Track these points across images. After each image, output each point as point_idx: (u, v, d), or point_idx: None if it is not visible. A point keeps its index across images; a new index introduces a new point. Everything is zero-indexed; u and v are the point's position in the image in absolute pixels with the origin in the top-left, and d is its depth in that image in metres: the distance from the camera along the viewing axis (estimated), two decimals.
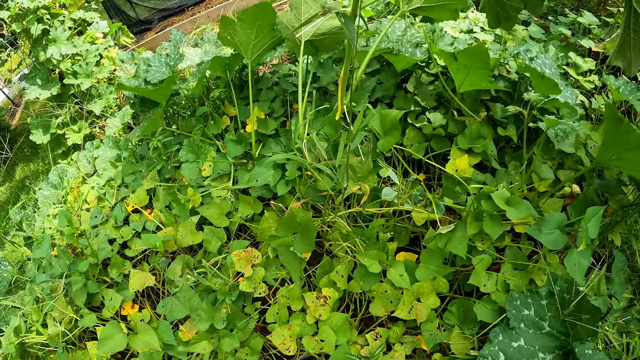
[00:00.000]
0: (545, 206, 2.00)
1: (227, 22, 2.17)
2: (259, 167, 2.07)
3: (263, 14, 2.13)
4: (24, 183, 4.65)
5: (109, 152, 2.88)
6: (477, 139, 2.15)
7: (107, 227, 2.47)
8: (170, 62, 2.54)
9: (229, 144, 2.26)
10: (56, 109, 3.18)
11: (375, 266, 1.74)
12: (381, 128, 1.87)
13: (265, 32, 2.23)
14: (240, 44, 2.26)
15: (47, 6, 3.20)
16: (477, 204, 1.71)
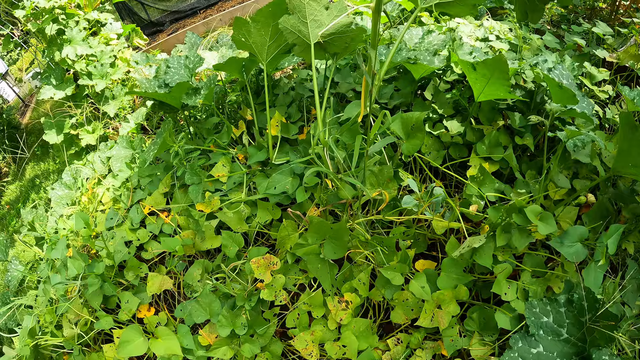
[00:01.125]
0: (561, 215, 2.02)
1: (241, 22, 2.13)
2: (277, 174, 2.08)
3: (278, 13, 2.09)
4: (34, 182, 4.67)
5: (122, 152, 2.88)
6: (496, 147, 2.17)
7: (123, 229, 2.48)
8: (190, 64, 2.54)
9: (251, 149, 2.27)
10: (71, 108, 3.19)
11: (398, 279, 1.76)
12: (403, 132, 1.86)
13: (280, 33, 2.17)
14: (255, 45, 2.22)
15: (63, 6, 3.21)
16: (507, 216, 1.72)
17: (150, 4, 7.36)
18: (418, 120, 1.83)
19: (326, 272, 1.86)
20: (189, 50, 3.10)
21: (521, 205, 1.68)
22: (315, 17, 2.01)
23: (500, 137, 2.20)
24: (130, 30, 3.83)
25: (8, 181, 5.24)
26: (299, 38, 2.08)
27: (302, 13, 2.00)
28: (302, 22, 2.03)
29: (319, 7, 2.00)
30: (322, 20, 2.01)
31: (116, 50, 3.34)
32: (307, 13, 2.00)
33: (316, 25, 2.02)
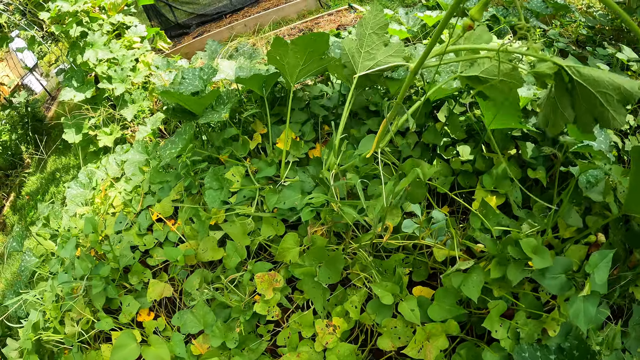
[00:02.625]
0: (569, 253, 1.97)
1: (280, 43, 2.19)
2: (287, 189, 2.08)
3: (318, 43, 2.16)
4: (54, 175, 4.77)
5: (137, 156, 2.93)
6: (504, 180, 2.13)
7: (130, 234, 2.52)
8: (204, 75, 2.57)
9: (260, 164, 2.28)
10: (89, 111, 3.25)
11: (387, 298, 1.74)
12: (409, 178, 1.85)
13: (314, 59, 2.25)
14: (287, 66, 2.27)
15: (87, 10, 3.28)
16: (503, 249, 1.69)
17: (178, 6, 7.45)
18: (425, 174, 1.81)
19: (319, 294, 1.87)
20: (208, 57, 3.14)
21: (517, 237, 1.65)
22: (371, 50, 2.07)
23: (510, 168, 2.16)
24: (155, 33, 3.89)
25: (30, 172, 5.37)
26: (349, 63, 2.14)
27: (362, 42, 2.07)
28: (357, 51, 2.09)
29: (378, 42, 2.05)
30: (375, 55, 2.07)
31: (138, 53, 3.39)
32: (365, 43, 2.06)
33: (368, 58, 2.08)
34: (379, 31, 2.04)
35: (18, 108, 5.70)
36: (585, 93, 1.50)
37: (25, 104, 5.72)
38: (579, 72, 1.48)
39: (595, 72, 1.46)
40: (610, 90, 1.46)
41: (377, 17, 2.03)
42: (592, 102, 1.50)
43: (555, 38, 3.74)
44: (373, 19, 2.03)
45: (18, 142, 5.69)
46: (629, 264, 2.05)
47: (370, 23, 2.04)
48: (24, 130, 5.65)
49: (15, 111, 5.69)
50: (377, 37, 2.04)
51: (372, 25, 2.04)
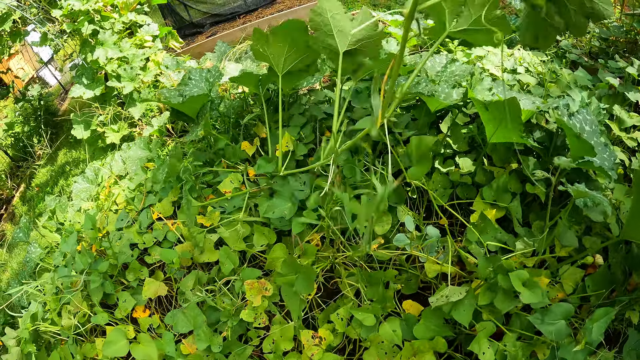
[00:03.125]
0: (565, 276, 1.95)
1: (259, 34, 2.21)
2: (277, 198, 2.09)
3: (294, 30, 2.17)
4: (64, 169, 4.84)
5: (139, 152, 2.96)
6: (504, 193, 2.11)
7: (131, 232, 2.54)
8: (210, 78, 2.59)
9: (260, 160, 2.29)
10: (99, 109, 3.29)
11: (369, 319, 1.73)
12: (415, 155, 1.83)
13: (296, 47, 2.25)
14: (272, 57, 2.28)
15: (98, 10, 3.32)
16: (493, 276, 1.68)
17: (193, 5, 7.52)
18: (427, 144, 1.80)
19: (296, 304, 1.86)
20: (217, 59, 3.16)
21: (509, 267, 1.63)
22: (341, 29, 2.08)
23: (511, 182, 2.14)
24: (167, 32, 3.93)
25: (41, 165, 5.45)
26: (330, 51, 2.16)
27: (328, 27, 2.08)
28: (329, 36, 2.10)
29: (343, 19, 2.07)
30: (348, 30, 2.08)
31: (148, 53, 3.43)
32: (333, 26, 2.08)
33: (343, 35, 2.09)
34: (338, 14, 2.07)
35: (31, 101, 5.78)
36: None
37: (38, 97, 5.81)
38: None
39: None
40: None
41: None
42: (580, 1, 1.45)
43: (567, 49, 3.69)
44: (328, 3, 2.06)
45: (30, 134, 5.78)
46: (628, 287, 2.01)
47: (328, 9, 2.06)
48: (37, 123, 5.73)
49: (28, 104, 5.77)
50: (340, 16, 2.07)
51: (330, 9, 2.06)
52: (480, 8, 1.78)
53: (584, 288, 1.94)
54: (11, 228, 4.96)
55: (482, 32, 1.86)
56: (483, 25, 1.75)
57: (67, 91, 6.33)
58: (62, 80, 6.64)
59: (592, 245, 2.03)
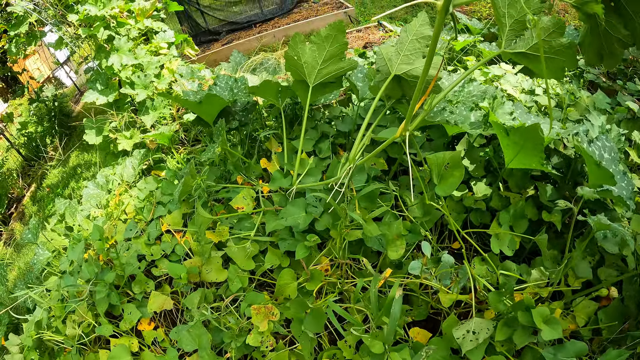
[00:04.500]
0: (578, 309, 1.90)
1: (298, 40, 2.16)
2: (291, 205, 2.03)
3: (336, 38, 2.13)
4: (75, 171, 4.84)
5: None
6: (521, 219, 2.07)
7: (139, 242, 2.52)
8: (235, 88, 2.56)
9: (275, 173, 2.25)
10: (113, 116, 3.28)
11: (378, 347, 1.68)
12: (436, 173, 1.78)
13: (333, 59, 2.21)
14: (306, 66, 2.23)
15: (114, 15, 3.31)
16: (512, 311, 1.63)
17: (209, 12, 7.52)
18: (454, 158, 1.76)
19: (307, 342, 1.81)
20: (232, 69, 3.14)
21: (529, 303, 1.58)
22: (410, 55, 2.05)
23: (527, 209, 2.10)
24: (182, 40, 3.92)
25: (52, 165, 5.47)
26: (384, 67, 2.12)
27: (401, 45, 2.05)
28: (395, 53, 2.07)
29: (418, 50, 2.04)
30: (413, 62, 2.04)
31: (163, 60, 3.41)
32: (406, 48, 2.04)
33: (406, 62, 2.06)
34: (422, 40, 2.01)
35: (46, 101, 5.80)
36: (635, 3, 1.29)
37: (53, 98, 5.83)
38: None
39: None
40: None
41: (422, 26, 2.01)
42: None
43: (585, 69, 3.64)
44: (418, 27, 2.01)
45: (44, 134, 5.80)
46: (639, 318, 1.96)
47: (415, 30, 2.01)
48: (50, 124, 5.75)
49: (43, 104, 5.80)
50: (419, 45, 2.01)
51: (416, 32, 2.01)
52: (544, 32, 1.63)
53: (596, 320, 1.89)
54: (20, 227, 4.97)
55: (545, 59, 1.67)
56: (545, 52, 1.61)
57: (82, 93, 6.36)
58: (77, 81, 6.67)
59: (607, 277, 1.98)
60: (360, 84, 2.39)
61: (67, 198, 4.10)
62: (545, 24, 1.60)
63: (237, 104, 2.57)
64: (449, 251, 2.24)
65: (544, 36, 1.60)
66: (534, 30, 1.59)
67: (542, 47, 1.58)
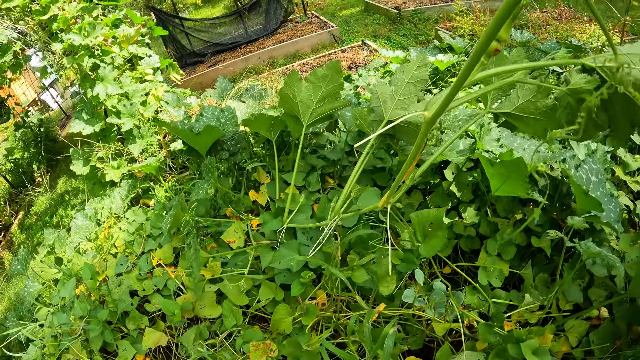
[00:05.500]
0: (570, 330, 1.92)
1: (294, 78, 2.12)
2: (284, 248, 2.04)
3: (332, 78, 2.09)
4: (63, 198, 4.81)
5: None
6: (509, 246, 2.09)
7: (130, 277, 2.51)
8: (222, 118, 2.56)
9: (265, 215, 2.24)
10: (100, 147, 3.27)
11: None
12: (420, 232, 1.79)
13: (328, 99, 2.17)
14: (301, 104, 2.18)
15: (99, 44, 3.30)
16: (503, 343, 1.65)
17: (194, 34, 7.51)
18: (437, 217, 1.75)
19: None
20: (218, 96, 3.14)
21: (519, 336, 1.60)
22: (405, 100, 1.97)
23: (515, 235, 2.12)
24: (168, 64, 3.91)
25: (40, 192, 5.42)
26: (378, 108, 2.06)
27: (397, 88, 1.98)
28: (390, 96, 2.00)
29: (413, 94, 1.96)
30: (408, 107, 1.96)
31: (150, 86, 3.40)
32: (401, 92, 1.97)
33: (401, 106, 1.98)
34: (418, 84, 1.94)
35: (32, 127, 5.76)
36: (622, 95, 1.24)
37: (39, 123, 5.78)
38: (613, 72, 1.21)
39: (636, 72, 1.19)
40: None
41: (420, 69, 1.94)
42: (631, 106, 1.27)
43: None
44: (415, 70, 1.94)
45: (30, 160, 5.75)
46: (632, 336, 1.99)
47: (412, 73, 1.94)
48: (37, 149, 5.71)
49: (29, 129, 5.75)
50: (414, 88, 1.95)
51: (413, 76, 1.94)
52: (530, 93, 1.64)
53: (588, 341, 1.92)
54: (9, 256, 4.92)
55: (527, 119, 1.69)
56: (529, 113, 1.64)
57: (68, 117, 6.33)
58: (63, 105, 6.63)
59: (597, 297, 2.00)
60: (348, 113, 2.40)
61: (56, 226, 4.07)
62: (532, 85, 1.64)
63: (225, 134, 2.56)
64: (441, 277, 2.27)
65: (530, 97, 1.64)
66: (520, 91, 1.62)
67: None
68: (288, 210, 2.11)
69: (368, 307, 1.89)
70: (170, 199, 2.82)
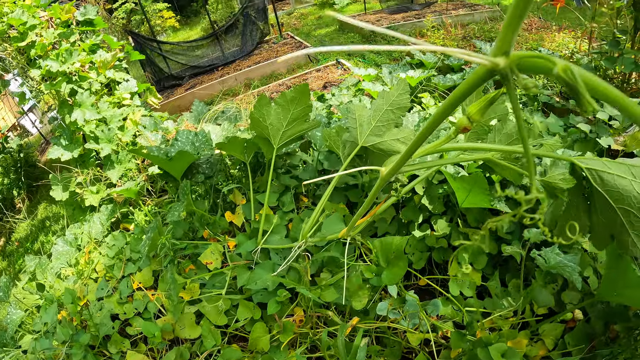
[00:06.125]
0: (545, 333, 1.98)
1: (263, 102, 2.15)
2: (259, 268, 2.09)
3: (300, 100, 2.13)
4: (44, 224, 4.80)
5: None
6: (480, 255, 2.15)
7: (111, 301, 2.53)
8: (197, 142, 2.60)
9: (240, 237, 2.29)
10: (78, 173, 3.29)
11: None
12: (383, 258, 1.85)
13: (298, 121, 2.21)
14: (271, 127, 2.22)
15: (76, 70, 3.34)
16: (473, 348, 1.71)
17: (171, 57, 7.57)
18: (399, 248, 1.81)
19: None
20: (194, 119, 3.19)
21: (487, 340, 1.66)
22: (382, 127, 1.96)
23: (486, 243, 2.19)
24: (145, 88, 3.95)
25: (20, 218, 5.39)
26: (354, 129, 2.04)
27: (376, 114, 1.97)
28: (367, 121, 2.00)
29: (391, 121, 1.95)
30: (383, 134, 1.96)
31: (126, 112, 3.44)
32: (379, 118, 1.95)
33: (376, 133, 1.97)
34: (397, 111, 1.92)
35: (12, 152, 5.75)
36: (605, 205, 1.23)
37: (18, 149, 5.78)
38: (601, 178, 1.23)
39: (622, 181, 1.19)
40: (636, 209, 1.17)
41: (401, 96, 1.92)
42: (612, 217, 1.24)
43: (539, 91, 3.77)
44: (396, 97, 1.92)
45: (10, 186, 5.73)
46: (610, 335, 2.04)
47: (392, 99, 1.92)
48: (17, 175, 5.69)
49: (9, 155, 5.74)
50: (393, 115, 1.93)
51: (393, 102, 1.92)
52: (507, 138, 1.70)
53: (564, 344, 1.97)
54: None
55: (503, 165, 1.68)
56: (505, 159, 1.66)
57: (48, 142, 6.31)
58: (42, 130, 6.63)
59: (571, 300, 2.06)
60: (318, 134, 2.46)
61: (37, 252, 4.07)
62: (509, 131, 1.71)
63: (200, 157, 2.61)
64: (416, 288, 2.33)
65: (507, 142, 1.69)
66: (497, 136, 1.68)
67: None
68: (262, 230, 2.16)
69: (342, 321, 1.94)
70: (149, 222, 2.86)
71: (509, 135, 1.70)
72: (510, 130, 1.70)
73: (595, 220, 1.29)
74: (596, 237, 1.30)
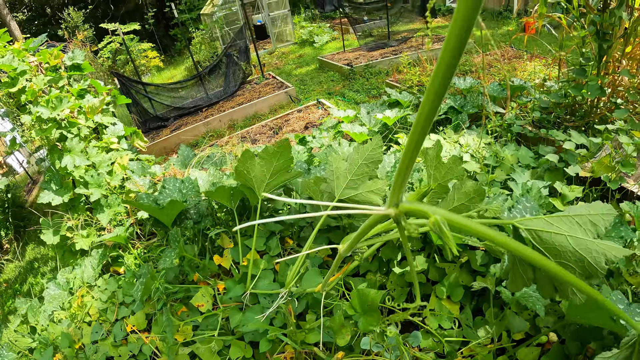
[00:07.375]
0: (522, 357, 2.10)
1: (248, 156, 2.30)
2: (249, 312, 2.21)
3: (282, 153, 2.27)
4: (32, 265, 4.83)
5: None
6: (457, 288, 2.29)
7: (106, 344, 2.61)
8: (184, 189, 2.73)
9: (229, 283, 2.39)
10: (68, 219, 3.38)
11: None
12: (360, 306, 1.97)
13: (280, 172, 2.35)
14: (255, 179, 2.36)
15: (66, 117, 3.46)
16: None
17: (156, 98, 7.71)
18: (373, 301, 1.91)
19: None
20: (180, 164, 3.32)
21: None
22: (357, 180, 2.06)
23: (462, 276, 2.33)
24: (132, 132, 4.08)
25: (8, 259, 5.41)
26: (331, 182, 2.15)
27: (351, 168, 2.08)
28: (344, 174, 2.10)
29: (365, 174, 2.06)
30: (358, 187, 2.06)
31: (114, 157, 3.56)
32: (354, 171, 2.06)
33: (351, 186, 2.07)
34: (371, 165, 2.03)
35: None
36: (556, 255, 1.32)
37: (6, 189, 5.82)
38: (540, 237, 1.33)
39: (559, 237, 1.29)
40: (573, 262, 1.28)
41: (374, 151, 2.02)
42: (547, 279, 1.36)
43: (512, 122, 3.94)
44: (370, 152, 2.02)
45: None
46: (587, 354, 2.16)
47: (366, 154, 2.03)
48: (4, 216, 5.72)
49: None
50: (368, 169, 2.04)
51: (367, 157, 2.03)
52: (465, 196, 1.81)
53: None
54: None
55: None
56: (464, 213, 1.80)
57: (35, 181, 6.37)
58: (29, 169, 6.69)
59: (546, 323, 2.18)
60: (300, 180, 2.60)
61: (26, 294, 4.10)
62: (467, 189, 1.84)
63: (188, 205, 2.73)
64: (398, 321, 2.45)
65: (465, 200, 1.83)
66: (456, 193, 1.84)
67: None
68: (251, 275, 2.28)
69: (329, 357, 2.05)
70: (139, 266, 2.95)
71: (466, 194, 1.84)
72: (468, 189, 1.83)
73: (538, 274, 1.40)
74: (541, 286, 1.41)
